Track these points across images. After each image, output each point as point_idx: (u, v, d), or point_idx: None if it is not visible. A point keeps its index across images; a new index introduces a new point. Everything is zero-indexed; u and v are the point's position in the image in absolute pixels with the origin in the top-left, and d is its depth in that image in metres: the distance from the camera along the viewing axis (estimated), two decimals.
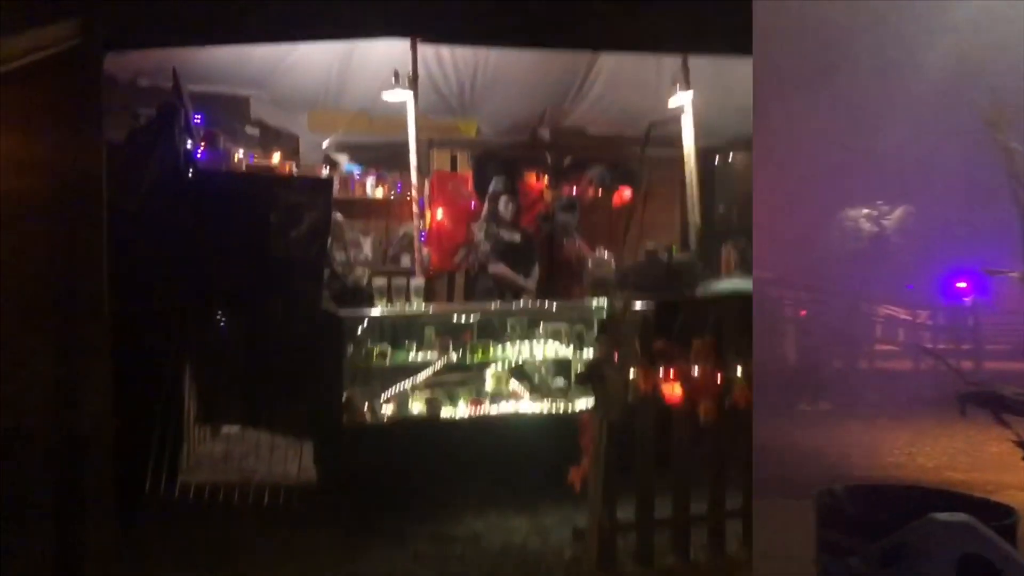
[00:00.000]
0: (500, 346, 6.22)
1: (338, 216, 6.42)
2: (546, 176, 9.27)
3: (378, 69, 7.76)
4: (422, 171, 7.60)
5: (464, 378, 6.21)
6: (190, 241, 5.79)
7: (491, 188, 7.57)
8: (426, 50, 7.86)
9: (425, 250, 7.87)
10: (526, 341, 6.31)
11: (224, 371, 6.20)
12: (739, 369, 4.89)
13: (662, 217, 10.24)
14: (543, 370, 6.46)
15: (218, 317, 6.05)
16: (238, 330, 6.08)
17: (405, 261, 8.53)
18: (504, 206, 7.49)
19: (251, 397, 6.25)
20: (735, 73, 8.71)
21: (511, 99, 9.29)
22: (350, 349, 5.83)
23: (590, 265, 6.74)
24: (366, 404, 5.90)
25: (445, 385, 6.13)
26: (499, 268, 7.38)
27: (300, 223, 6.00)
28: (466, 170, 9.18)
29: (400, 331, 6.13)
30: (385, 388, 6.03)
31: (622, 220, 9.84)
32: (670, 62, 8.75)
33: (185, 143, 6.34)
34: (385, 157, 9.24)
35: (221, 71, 7.74)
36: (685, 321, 4.94)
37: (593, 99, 9.57)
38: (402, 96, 7.33)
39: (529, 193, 9.00)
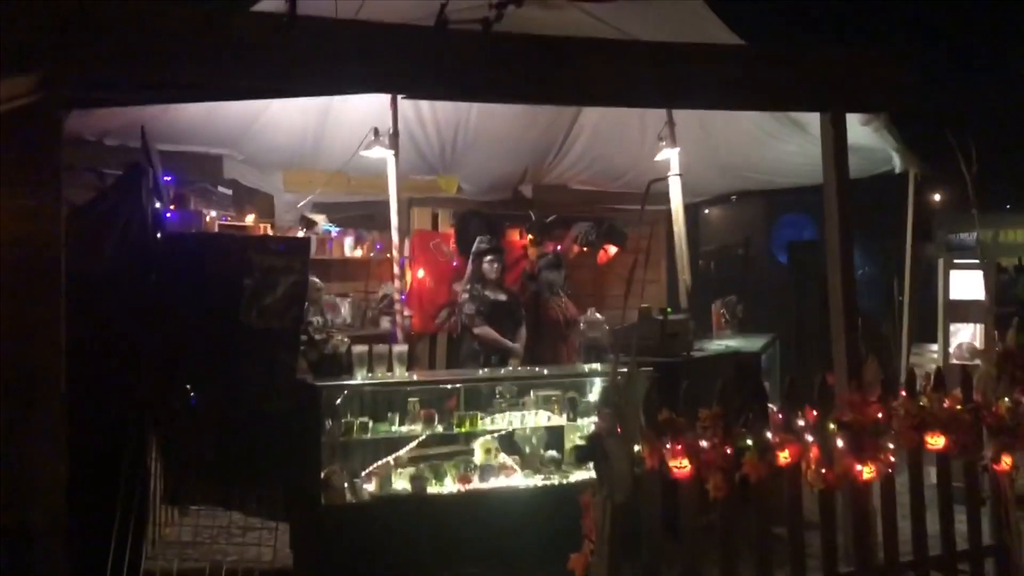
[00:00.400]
0: (488, 416, 5.85)
1: (315, 279, 6.06)
2: (529, 233, 8.99)
3: (356, 127, 7.48)
4: (402, 230, 7.28)
5: (451, 451, 5.81)
6: (157, 307, 5.40)
7: (475, 247, 7.25)
8: (406, 107, 7.61)
9: (406, 312, 7.52)
10: (516, 410, 5.95)
11: (193, 447, 5.76)
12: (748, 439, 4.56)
13: (644, 274, 9.98)
14: (535, 440, 6.08)
15: (187, 389, 5.63)
16: (209, 403, 5.65)
17: (385, 324, 8.17)
18: (489, 265, 7.16)
19: (222, 475, 5.80)
20: (716, 128, 8.56)
21: (493, 156, 9.05)
22: (328, 422, 5.43)
23: (581, 326, 6.39)
24: (346, 481, 5.49)
25: (430, 459, 5.73)
26: (484, 330, 7.03)
27: (276, 287, 5.62)
28: (447, 228, 8.87)
29: (382, 401, 5.74)
30: (366, 463, 5.63)
31: (609, 278, 9.57)
32: (653, 117, 8.57)
33: (153, 204, 5.97)
34: (363, 216, 8.92)
35: (193, 129, 7.42)
36: (688, 386, 4.59)
37: (575, 156, 9.37)
38: (382, 153, 7.04)
39: (512, 250, 8.70)
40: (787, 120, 8.25)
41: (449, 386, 5.87)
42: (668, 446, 4.41)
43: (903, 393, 5.06)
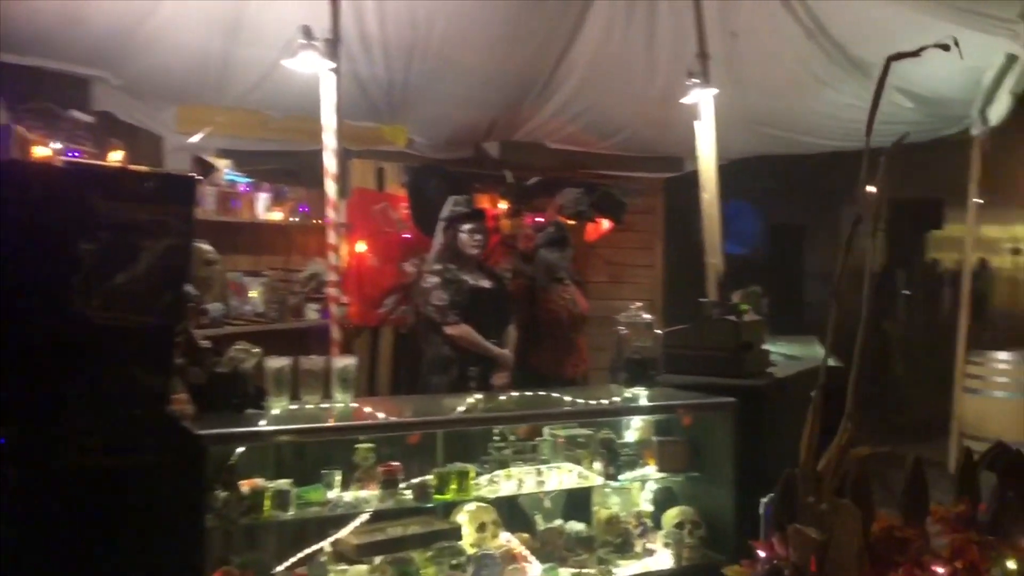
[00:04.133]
0: (482, 473, 3.50)
1: (205, 246, 3.56)
2: (505, 200, 6.62)
3: (278, 45, 5.00)
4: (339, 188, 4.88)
5: (426, 531, 3.42)
6: None
7: (448, 210, 4.83)
8: (348, 19, 5.18)
9: (344, 298, 5.09)
10: (525, 461, 3.60)
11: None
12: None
13: (639, 256, 7.72)
14: (548, 506, 3.74)
15: None
16: (24, 454, 3.12)
17: (312, 314, 5.70)
18: (469, 237, 4.76)
19: (48, 567, 3.29)
20: (749, 67, 6.33)
21: (454, 99, 6.58)
22: (220, 492, 2.99)
23: (621, 330, 4.00)
24: None
25: (394, 547, 3.34)
26: (461, 329, 4.63)
27: (136, 256, 3.14)
28: (397, 188, 6.42)
29: (312, 453, 3.32)
30: (284, 555, 3.22)
31: (591, 261, 7.25)
32: (667, 53, 6.30)
33: None
34: (283, 172, 6.40)
35: (49, 37, 4.88)
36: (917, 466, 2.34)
37: (560, 103, 6.98)
38: (315, 65, 4.60)
39: None
40: (845, 61, 6.08)
41: (422, 424, 3.46)
42: None
43: None
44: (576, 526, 3.65)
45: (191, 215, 3.28)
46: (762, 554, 2.00)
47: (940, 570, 2.20)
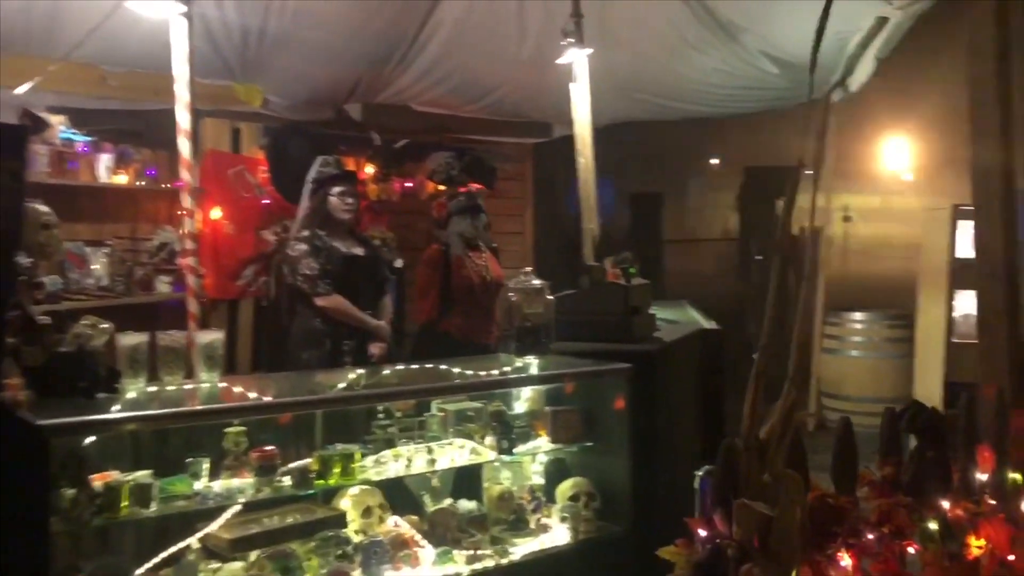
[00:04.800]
0: (367, 454, 3.19)
1: (42, 207, 3.06)
2: (373, 164, 6.24)
3: None
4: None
5: (308, 520, 3.10)
6: None
7: (316, 171, 4.44)
8: None
9: (201, 270, 4.62)
10: (412, 439, 3.33)
11: None
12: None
13: (509, 223, 7.51)
14: (437, 486, 3.47)
15: None
16: None
17: (163, 287, 5.19)
18: (340, 200, 4.39)
19: None
20: (621, 30, 6.18)
21: (314, 57, 6.12)
22: (67, 489, 2.56)
23: (512, 297, 3.75)
24: None
25: (273, 540, 3.00)
26: (334, 300, 4.28)
27: None
28: (255, 150, 5.93)
29: (174, 441, 2.93)
30: (146, 557, 2.83)
31: None
32: (538, 13, 6.07)
33: None
34: (128, 130, 5.79)
35: None
36: (847, 436, 2.21)
37: (427, 64, 6.64)
38: (164, 11, 4.09)
39: None
40: (715, 24, 6.02)
41: (300, 404, 3.11)
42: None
43: None
44: (467, 505, 3.40)
45: (22, 171, 2.80)
46: (702, 533, 1.82)
47: (870, 536, 2.10)
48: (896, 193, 7.60)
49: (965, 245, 5.13)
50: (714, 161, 12.21)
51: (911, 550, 2.18)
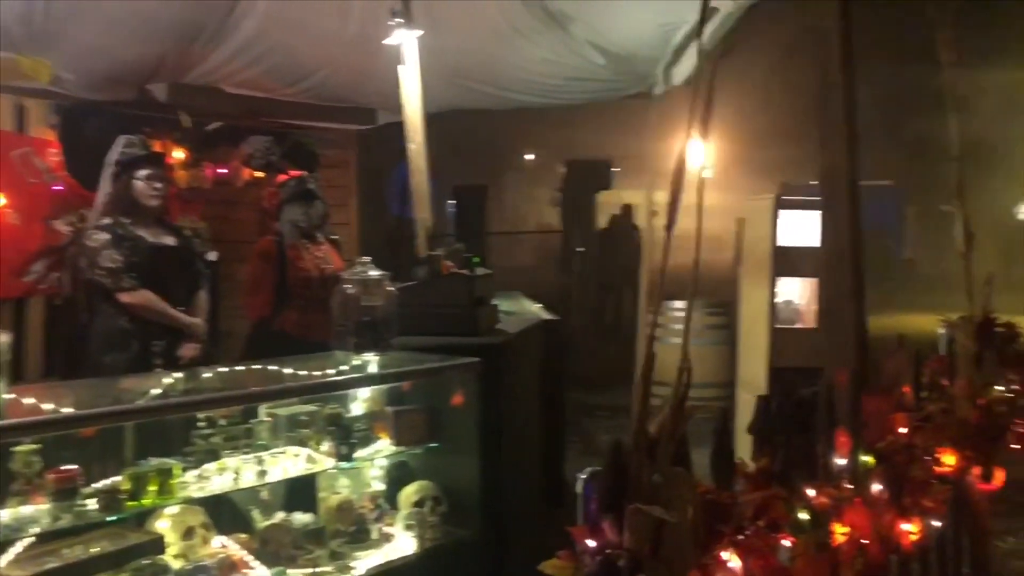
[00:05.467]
0: (188, 468, 2.81)
1: None
2: (181, 147, 5.69)
3: None
4: None
5: (118, 548, 2.67)
6: None
7: (117, 153, 3.93)
8: None
9: None
10: (240, 449, 2.97)
11: None
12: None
13: (333, 214, 7.08)
14: (268, 499, 3.12)
15: None
16: None
17: None
18: (147, 185, 3.91)
19: None
20: (448, 13, 5.96)
21: (113, 28, 5.51)
22: None
23: (348, 289, 3.38)
24: None
25: (72, 573, 2.55)
26: (141, 296, 3.80)
27: None
28: (44, 131, 5.25)
29: None
30: None
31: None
32: None
33: None
34: None
35: None
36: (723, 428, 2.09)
37: (241, 42, 6.14)
38: None
39: None
40: (542, 12, 5.91)
41: (105, 416, 2.67)
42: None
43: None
44: (303, 518, 3.08)
45: None
46: (590, 543, 1.63)
47: (748, 532, 1.99)
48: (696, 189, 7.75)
49: (786, 234, 5.29)
50: (530, 157, 12.28)
51: (786, 543, 2.09)
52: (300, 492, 3.20)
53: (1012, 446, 3.35)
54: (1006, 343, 3.50)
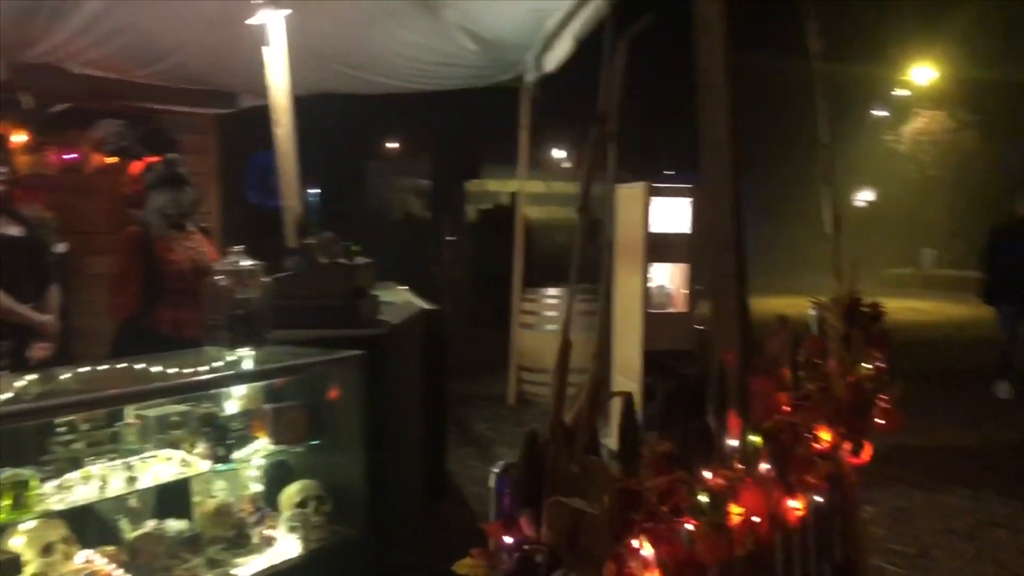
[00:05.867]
0: (47, 479, 2.56)
1: None
2: (24, 130, 5.23)
3: None
4: None
5: None
6: None
7: None
8: None
9: None
10: (105, 455, 2.73)
11: None
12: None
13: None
14: (140, 509, 2.89)
15: None
16: None
17: None
18: None
19: None
20: None
21: None
22: None
23: (220, 281, 3.14)
24: None
25: None
26: None
27: None
28: None
29: None
30: None
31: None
32: None
33: None
34: None
35: None
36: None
37: (86, 19, 5.71)
38: None
39: None
40: None
41: None
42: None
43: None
44: (176, 525, 2.88)
45: None
46: (506, 539, 1.56)
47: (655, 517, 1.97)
48: (558, 178, 7.86)
49: (658, 221, 5.38)
50: (393, 145, 12.04)
51: (689, 526, 2.09)
52: (172, 497, 2.99)
53: (877, 421, 3.51)
54: (871, 322, 3.66)
